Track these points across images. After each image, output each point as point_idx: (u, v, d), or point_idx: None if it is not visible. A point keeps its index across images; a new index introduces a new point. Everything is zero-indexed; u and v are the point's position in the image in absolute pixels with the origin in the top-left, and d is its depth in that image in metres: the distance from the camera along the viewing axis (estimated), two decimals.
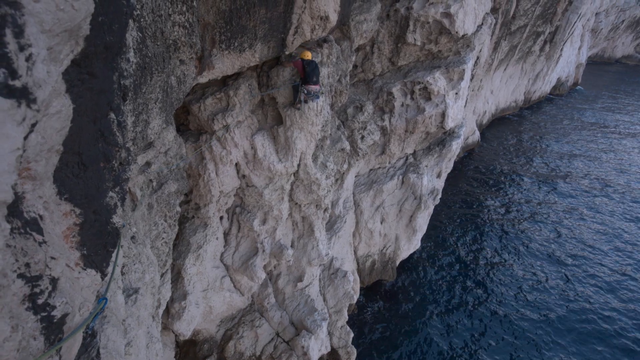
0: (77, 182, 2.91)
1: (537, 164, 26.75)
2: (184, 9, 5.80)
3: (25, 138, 2.01)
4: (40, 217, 2.32)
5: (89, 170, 3.03)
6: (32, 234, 2.24)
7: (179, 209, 7.93)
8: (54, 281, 2.37)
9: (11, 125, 1.93)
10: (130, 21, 4.34)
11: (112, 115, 3.18)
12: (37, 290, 2.21)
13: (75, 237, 3.03)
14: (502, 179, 24.46)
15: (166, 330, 9.10)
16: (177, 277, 8.94)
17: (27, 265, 2.14)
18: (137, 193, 6.32)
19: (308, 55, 8.08)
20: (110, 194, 3.53)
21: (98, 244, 3.41)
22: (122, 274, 5.47)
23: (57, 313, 2.39)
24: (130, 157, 4.16)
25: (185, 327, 8.91)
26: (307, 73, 8.09)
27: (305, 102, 8.60)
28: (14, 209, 2.17)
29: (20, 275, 2.10)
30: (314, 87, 8.29)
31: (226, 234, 9.98)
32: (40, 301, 2.24)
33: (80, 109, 2.59)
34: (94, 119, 2.87)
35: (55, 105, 2.22)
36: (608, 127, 34.64)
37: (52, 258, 2.38)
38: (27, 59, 1.97)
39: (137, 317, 5.52)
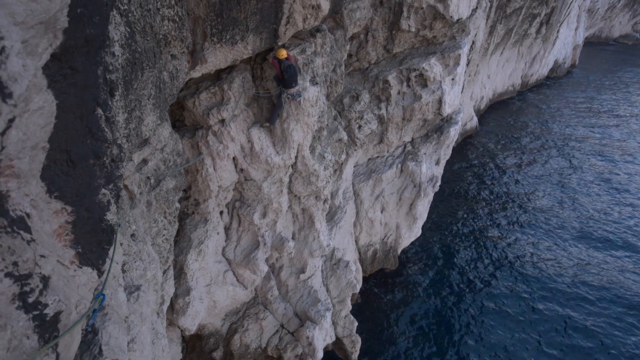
0: (66, 179, 2.87)
1: (535, 148, 26.62)
2: (173, 2, 5.71)
3: (3, 134, 1.96)
4: (28, 215, 2.28)
5: (79, 168, 2.99)
6: (20, 233, 2.20)
7: (178, 205, 7.91)
8: (44, 279, 2.34)
9: None
10: (117, 15, 4.26)
11: (100, 111, 3.13)
12: (27, 289, 2.18)
13: (68, 235, 3.01)
14: (501, 163, 24.36)
15: (172, 326, 9.15)
16: (180, 273, 8.96)
17: (15, 264, 2.10)
18: (135, 191, 6.29)
19: (283, 54, 7.93)
20: (103, 191, 3.50)
21: (93, 241, 3.38)
22: (123, 271, 5.46)
23: (49, 311, 2.36)
24: (122, 154, 4.11)
25: (190, 322, 8.96)
26: (286, 79, 8.10)
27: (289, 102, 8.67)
28: None
29: (8, 274, 2.07)
30: (293, 90, 8.41)
31: (227, 229, 9.98)
32: (30, 299, 2.21)
33: (65, 104, 2.54)
34: (80, 115, 2.81)
35: (37, 101, 2.18)
36: (606, 108, 34.38)
37: (42, 256, 2.35)
38: None
39: (140, 314, 5.52)
